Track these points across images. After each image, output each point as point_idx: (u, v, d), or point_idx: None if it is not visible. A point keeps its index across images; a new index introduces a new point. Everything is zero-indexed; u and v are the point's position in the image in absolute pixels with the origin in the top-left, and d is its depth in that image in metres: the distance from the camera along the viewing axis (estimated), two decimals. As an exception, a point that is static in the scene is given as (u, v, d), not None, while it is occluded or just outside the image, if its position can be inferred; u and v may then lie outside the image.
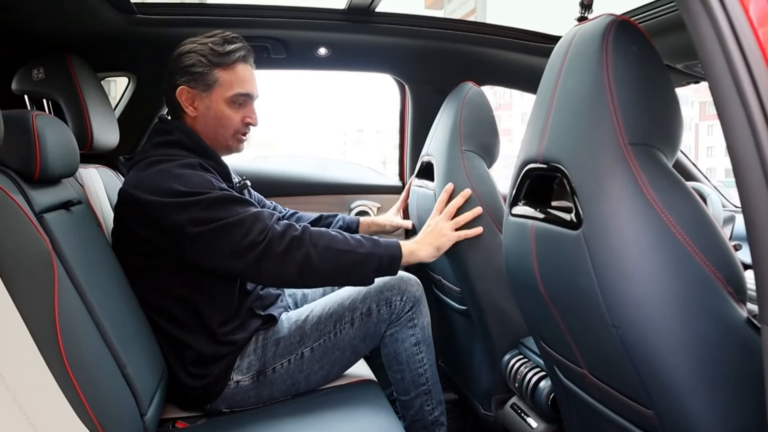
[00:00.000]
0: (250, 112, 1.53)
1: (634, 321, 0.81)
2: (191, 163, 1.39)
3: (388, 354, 1.56)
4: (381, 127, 41.13)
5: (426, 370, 1.57)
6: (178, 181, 1.33)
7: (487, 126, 1.71)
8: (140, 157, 1.44)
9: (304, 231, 1.36)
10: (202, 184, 1.34)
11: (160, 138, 1.47)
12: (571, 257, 0.89)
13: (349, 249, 1.37)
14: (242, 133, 1.54)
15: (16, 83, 1.61)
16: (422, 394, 1.58)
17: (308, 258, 1.33)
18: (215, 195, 1.33)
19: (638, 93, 0.85)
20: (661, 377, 0.81)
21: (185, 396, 1.46)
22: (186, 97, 1.49)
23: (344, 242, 1.38)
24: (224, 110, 1.49)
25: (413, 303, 1.54)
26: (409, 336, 1.54)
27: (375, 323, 1.52)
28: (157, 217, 1.32)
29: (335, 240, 1.37)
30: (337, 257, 1.35)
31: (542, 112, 0.99)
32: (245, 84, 1.50)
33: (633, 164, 0.81)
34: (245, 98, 1.50)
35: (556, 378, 1.23)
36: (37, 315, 0.96)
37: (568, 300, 0.95)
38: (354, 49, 2.03)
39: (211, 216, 1.31)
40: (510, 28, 2.02)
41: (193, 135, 1.48)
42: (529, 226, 1.02)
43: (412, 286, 1.55)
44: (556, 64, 0.99)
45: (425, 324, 1.57)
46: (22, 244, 0.99)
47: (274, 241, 1.32)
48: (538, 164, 0.99)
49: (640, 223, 0.79)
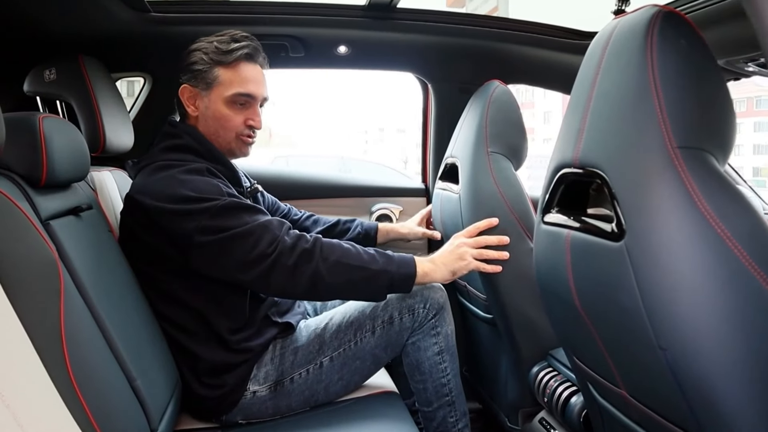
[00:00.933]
0: (253, 114, 1.46)
1: (684, 342, 0.73)
2: (199, 168, 1.34)
3: (410, 363, 1.50)
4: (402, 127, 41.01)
5: (449, 380, 1.51)
6: (185, 186, 1.28)
7: (515, 126, 1.64)
8: (147, 161, 1.40)
9: (315, 243, 1.30)
10: (210, 189, 1.30)
11: (168, 142, 1.43)
12: (611, 271, 0.82)
13: (360, 265, 1.31)
14: (245, 135, 1.47)
15: (28, 84, 1.57)
16: (445, 405, 1.51)
17: (318, 273, 1.28)
18: (223, 202, 1.28)
19: (688, 91, 0.77)
20: (713, 402, 0.74)
21: (200, 407, 1.41)
22: (188, 96, 1.45)
23: (356, 257, 1.32)
24: (223, 110, 1.43)
25: (437, 310, 1.47)
26: (432, 344, 1.48)
27: (397, 332, 1.46)
28: (163, 224, 1.28)
29: (347, 254, 1.32)
30: (348, 273, 1.30)
31: (578, 113, 0.92)
32: (247, 84, 1.43)
33: (682, 170, 0.73)
34: (246, 99, 1.44)
35: (589, 395, 1.15)
36: (41, 326, 0.92)
37: (607, 316, 0.88)
38: (375, 47, 1.96)
39: (220, 225, 1.26)
40: (539, 24, 1.93)
41: (202, 139, 1.44)
42: (564, 236, 0.94)
43: (435, 292, 1.49)
44: (594, 60, 0.91)
45: (449, 332, 1.50)
46: (26, 252, 0.94)
47: (284, 254, 1.27)
48: (574, 169, 0.92)
49: (692, 235, 0.72)
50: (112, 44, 1.72)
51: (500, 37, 1.94)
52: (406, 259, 1.38)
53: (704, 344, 0.72)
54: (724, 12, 1.32)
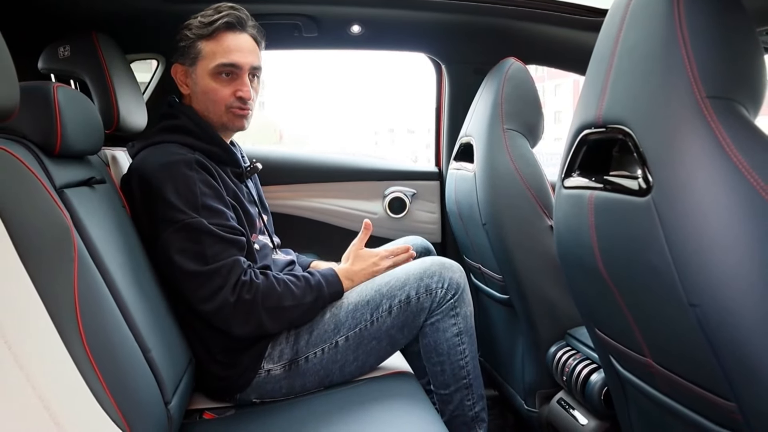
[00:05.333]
0: (241, 84, 1.43)
1: (716, 297, 0.70)
2: (187, 159, 1.34)
3: (427, 344, 1.47)
4: (412, 128, 40.98)
5: (468, 362, 1.48)
6: (170, 181, 1.31)
7: (531, 103, 1.62)
8: (144, 143, 1.42)
9: (255, 293, 1.31)
10: (186, 197, 1.30)
11: (165, 122, 1.44)
12: (638, 228, 0.79)
13: (296, 304, 1.36)
14: (236, 107, 1.44)
15: (42, 62, 1.57)
16: (463, 387, 1.48)
17: (261, 324, 1.33)
18: (190, 220, 1.29)
19: (716, 41, 0.75)
20: (746, 362, 0.71)
21: (214, 386, 1.40)
22: (179, 75, 1.46)
23: (291, 296, 1.36)
24: (209, 83, 1.42)
25: (456, 290, 1.44)
26: (450, 326, 1.45)
27: (414, 312, 1.43)
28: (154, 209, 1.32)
29: (283, 297, 1.35)
30: (286, 313, 1.36)
31: (601, 71, 0.89)
32: (229, 54, 1.40)
33: (713, 120, 0.71)
34: (231, 69, 1.41)
35: (611, 370, 1.13)
36: (55, 293, 0.90)
37: (634, 277, 0.85)
38: (388, 27, 1.94)
39: (180, 244, 1.29)
40: (556, 2, 1.89)
41: (197, 119, 1.43)
42: (587, 197, 0.91)
43: (455, 272, 1.45)
44: (617, 16, 0.89)
45: (468, 313, 1.48)
46: (40, 218, 0.93)
47: (225, 307, 1.29)
48: (597, 129, 0.89)
49: (723, 186, 0.69)
50: (126, 24, 1.71)
51: (514, 14, 1.90)
52: (331, 278, 1.44)
53: (737, 300, 0.69)
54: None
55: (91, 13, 1.63)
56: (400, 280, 1.43)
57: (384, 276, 1.47)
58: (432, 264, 1.45)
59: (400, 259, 1.54)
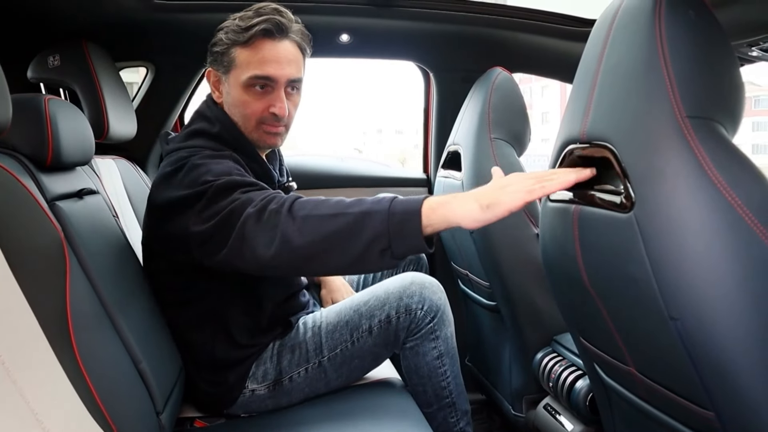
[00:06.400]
0: (275, 98, 1.29)
1: (696, 311, 0.73)
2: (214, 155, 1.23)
3: (408, 366, 1.44)
4: (401, 128, 41.06)
5: (450, 382, 1.45)
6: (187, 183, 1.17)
7: (518, 113, 1.64)
8: (176, 145, 1.30)
9: (283, 203, 1.07)
10: (200, 178, 1.16)
11: (198, 125, 1.33)
12: (620, 243, 0.81)
13: (337, 212, 1.02)
14: (268, 123, 1.31)
15: (32, 71, 1.57)
16: (446, 406, 1.46)
17: (285, 235, 1.03)
18: (215, 185, 1.13)
19: (696, 62, 0.77)
20: (724, 374, 0.73)
21: (202, 399, 1.39)
22: (213, 80, 1.34)
23: (334, 205, 1.05)
24: (242, 96, 1.29)
25: (435, 313, 1.39)
26: (431, 349, 1.41)
27: (395, 331, 1.39)
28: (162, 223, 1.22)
29: (321, 205, 1.05)
30: (320, 225, 1.02)
31: (585, 87, 0.92)
32: (265, 65, 1.26)
33: (692, 139, 0.73)
34: (266, 82, 1.27)
35: (596, 377, 1.15)
36: (47, 305, 0.91)
37: (616, 290, 0.87)
38: (377, 36, 1.96)
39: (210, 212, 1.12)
40: (542, 11, 1.92)
41: (233, 130, 1.31)
42: (572, 211, 0.94)
43: (434, 293, 1.40)
44: (601, 34, 0.91)
45: (449, 335, 1.43)
46: (32, 232, 0.94)
47: (249, 219, 1.07)
48: (581, 144, 0.92)
49: (702, 203, 0.71)
50: (116, 32, 1.71)
51: (502, 24, 1.94)
52: (408, 198, 1.03)
53: (715, 313, 0.72)
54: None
55: (80, 22, 1.63)
56: (380, 300, 1.40)
57: (363, 294, 1.44)
58: (412, 283, 1.40)
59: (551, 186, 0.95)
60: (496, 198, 0.96)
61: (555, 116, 30.67)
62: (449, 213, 0.98)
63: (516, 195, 0.95)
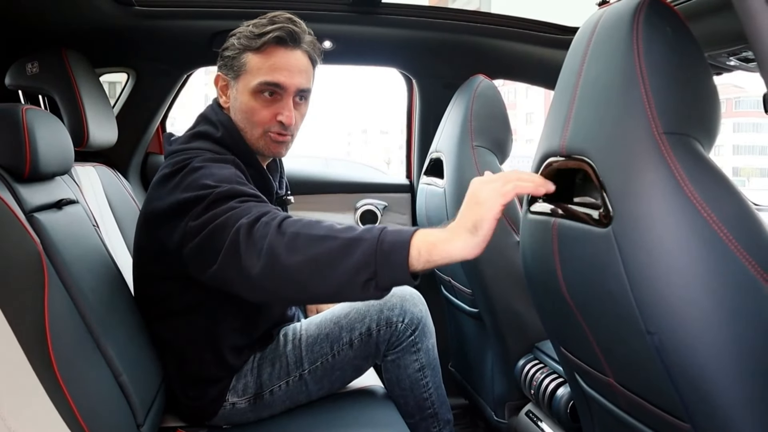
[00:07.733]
0: (283, 107, 1.28)
1: (673, 326, 0.74)
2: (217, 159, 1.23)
3: (390, 379, 1.44)
4: (385, 128, 41.05)
5: (431, 393, 1.45)
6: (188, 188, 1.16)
7: (500, 120, 1.65)
8: (178, 147, 1.29)
9: (275, 217, 1.05)
10: (199, 182, 1.15)
11: (202, 127, 1.32)
12: (599, 257, 0.82)
13: (327, 234, 1.00)
14: (274, 132, 1.30)
15: (10, 78, 1.55)
16: (428, 417, 1.47)
17: (272, 246, 1.00)
18: (216, 192, 1.12)
19: (673, 78, 0.78)
20: (701, 387, 0.74)
21: (183, 411, 1.38)
22: (221, 84, 1.34)
23: (325, 228, 1.02)
24: (249, 102, 1.28)
25: (416, 326, 1.40)
26: (412, 362, 1.42)
27: (375, 344, 1.39)
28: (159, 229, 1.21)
29: (312, 225, 1.02)
30: (309, 244, 0.99)
31: (565, 101, 0.92)
32: (275, 72, 1.25)
33: (669, 155, 0.74)
34: (275, 89, 1.27)
35: (576, 385, 1.16)
36: (24, 319, 0.90)
37: (595, 304, 0.88)
38: (359, 43, 1.96)
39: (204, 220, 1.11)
40: (524, 19, 1.94)
41: (237, 136, 1.30)
42: (551, 224, 0.94)
43: (415, 305, 1.41)
44: (580, 49, 0.92)
45: (430, 346, 1.44)
46: (9, 245, 0.93)
47: (242, 228, 1.04)
48: (560, 157, 0.92)
49: (678, 219, 0.72)
50: (96, 38, 1.70)
51: (484, 32, 1.95)
52: (399, 229, 1.00)
53: (692, 328, 0.73)
54: (706, 5, 1.34)
55: (60, 29, 1.61)
56: (360, 312, 1.39)
57: (344, 307, 1.43)
58: (392, 295, 1.38)
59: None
60: (478, 215, 0.94)
61: (539, 117, 30.89)
62: (452, 250, 0.95)
63: (492, 202, 0.94)
